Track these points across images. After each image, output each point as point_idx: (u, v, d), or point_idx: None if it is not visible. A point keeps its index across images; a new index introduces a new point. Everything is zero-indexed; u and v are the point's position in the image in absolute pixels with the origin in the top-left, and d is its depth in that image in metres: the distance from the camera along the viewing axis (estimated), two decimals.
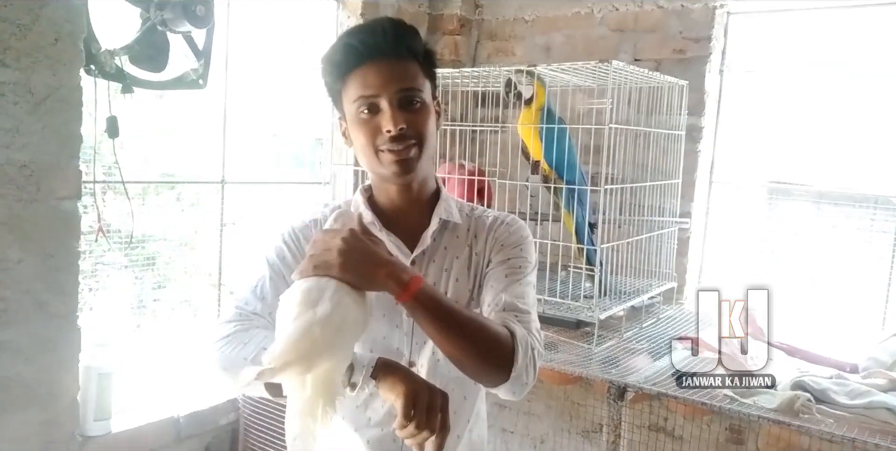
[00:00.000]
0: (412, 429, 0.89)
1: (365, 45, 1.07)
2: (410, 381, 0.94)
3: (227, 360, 1.02)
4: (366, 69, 1.07)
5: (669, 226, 2.53)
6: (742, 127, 2.73)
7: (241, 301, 1.12)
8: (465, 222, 1.20)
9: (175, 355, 2.44)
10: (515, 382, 0.99)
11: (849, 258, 2.58)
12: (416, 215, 1.18)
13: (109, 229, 2.26)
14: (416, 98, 1.09)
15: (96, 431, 1.97)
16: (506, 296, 1.09)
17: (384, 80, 1.06)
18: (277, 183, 2.84)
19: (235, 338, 1.04)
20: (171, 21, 1.91)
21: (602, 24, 2.81)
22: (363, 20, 2.79)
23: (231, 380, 1.02)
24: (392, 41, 1.07)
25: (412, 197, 1.17)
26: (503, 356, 0.98)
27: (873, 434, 1.56)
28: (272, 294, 1.11)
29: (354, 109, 1.09)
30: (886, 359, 1.91)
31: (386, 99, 1.06)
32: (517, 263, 1.15)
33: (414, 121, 1.07)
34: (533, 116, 2.21)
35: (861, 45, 2.45)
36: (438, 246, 1.18)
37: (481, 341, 0.97)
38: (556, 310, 2.19)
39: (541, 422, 2.90)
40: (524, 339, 1.01)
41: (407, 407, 0.90)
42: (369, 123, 1.08)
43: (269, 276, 1.13)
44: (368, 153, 1.10)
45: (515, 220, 1.22)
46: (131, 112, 2.23)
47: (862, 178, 2.55)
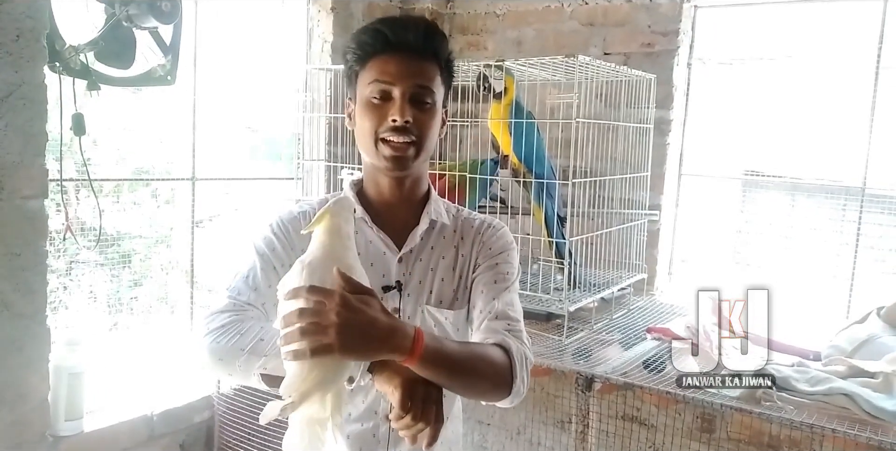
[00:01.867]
0: (408, 421, 0.89)
1: (395, 35, 1.09)
2: (406, 373, 0.94)
3: (223, 350, 1.01)
4: (388, 57, 1.09)
5: (639, 218, 2.56)
6: (713, 119, 2.77)
7: (233, 291, 1.11)
8: (452, 224, 1.22)
9: (151, 353, 2.43)
10: (515, 396, 1.04)
11: (820, 248, 2.63)
12: (404, 213, 1.19)
13: (83, 227, 2.25)
14: (429, 98, 1.10)
15: (68, 431, 1.96)
16: (498, 304, 1.13)
17: (404, 71, 1.08)
18: (248, 179, 2.83)
19: (231, 328, 1.03)
20: (136, 17, 1.90)
21: (572, 18, 2.82)
22: (334, 15, 2.79)
23: (226, 370, 1.02)
24: (422, 39, 1.09)
25: (403, 195, 1.18)
26: (504, 381, 1.03)
27: (831, 420, 1.59)
28: (264, 284, 1.11)
29: (367, 93, 1.10)
30: (847, 347, 1.95)
31: (400, 89, 1.08)
32: (505, 269, 1.18)
33: (420, 119, 1.09)
34: (502, 110, 2.22)
35: (826, 39, 2.49)
36: (426, 245, 1.19)
37: (484, 374, 1.01)
38: (527, 303, 2.20)
39: (517, 414, 2.92)
40: (519, 353, 1.05)
41: (404, 399, 0.90)
42: (378, 109, 1.09)
43: (259, 266, 1.13)
44: (369, 139, 1.10)
45: (501, 225, 1.25)
46: (105, 109, 2.22)
47: (833, 168, 2.59)
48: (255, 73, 2.73)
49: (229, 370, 1.01)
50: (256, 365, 0.99)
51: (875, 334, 1.96)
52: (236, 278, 1.13)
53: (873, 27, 2.32)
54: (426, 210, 1.19)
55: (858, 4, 2.39)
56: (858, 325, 2.05)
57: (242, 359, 0.99)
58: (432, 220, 1.19)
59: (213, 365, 1.03)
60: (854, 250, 2.40)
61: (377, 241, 1.17)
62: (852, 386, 1.69)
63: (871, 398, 1.64)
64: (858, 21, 2.42)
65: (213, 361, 1.02)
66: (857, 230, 2.39)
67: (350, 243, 0.96)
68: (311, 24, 2.84)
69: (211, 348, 1.02)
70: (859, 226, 2.39)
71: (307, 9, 2.83)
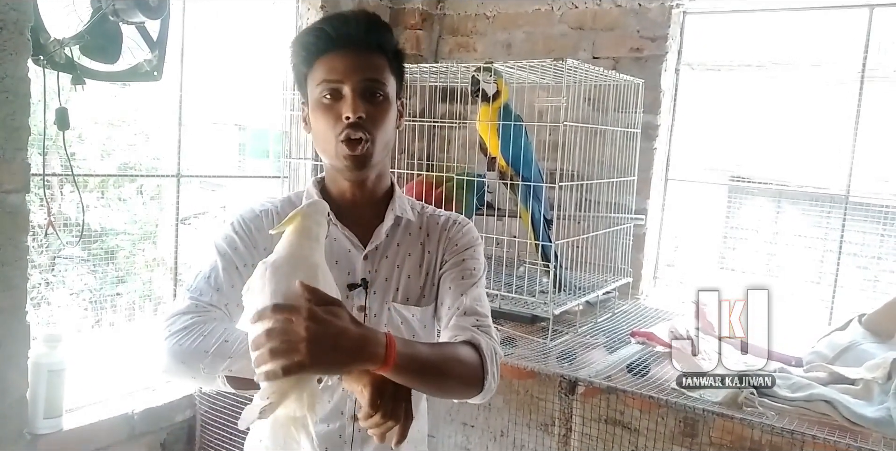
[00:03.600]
0: (378, 419, 0.89)
1: (337, 32, 1.08)
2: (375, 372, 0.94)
3: (186, 353, 0.99)
4: (334, 55, 1.08)
5: (625, 222, 2.57)
6: (700, 125, 2.78)
7: (195, 292, 1.09)
8: (417, 220, 1.22)
9: (133, 350, 2.41)
10: (486, 393, 1.06)
11: (804, 254, 2.65)
12: (369, 210, 1.18)
13: (67, 223, 2.23)
14: (380, 91, 1.09)
15: (46, 428, 1.93)
16: (466, 300, 1.13)
17: (350, 67, 1.07)
18: (235, 177, 2.82)
19: (194, 330, 1.00)
20: (123, 11, 1.88)
21: (562, 21, 2.83)
22: (323, 13, 2.77)
23: (189, 373, 0.99)
24: (364, 33, 1.09)
25: (366, 192, 1.18)
26: (475, 378, 1.04)
27: (812, 426, 1.60)
28: (227, 284, 1.09)
29: (318, 94, 1.09)
30: (828, 353, 1.96)
31: (349, 86, 1.07)
32: (471, 265, 1.18)
33: (373, 113, 1.08)
34: (491, 112, 2.22)
35: (813, 47, 2.51)
36: (391, 242, 1.18)
37: (456, 375, 1.02)
38: (512, 305, 2.21)
39: (500, 416, 2.92)
40: (489, 349, 1.06)
41: (374, 397, 0.90)
42: (331, 110, 1.08)
43: (221, 266, 1.11)
44: (326, 141, 1.10)
45: (466, 221, 1.25)
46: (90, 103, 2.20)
47: (818, 176, 2.61)
48: (242, 70, 2.71)
49: (192, 373, 0.99)
50: (221, 367, 0.97)
51: (856, 341, 1.97)
52: (198, 279, 1.11)
53: (859, 36, 2.34)
54: (390, 207, 1.19)
55: (845, 13, 2.41)
56: (840, 332, 2.07)
57: (207, 361, 0.97)
58: (397, 216, 1.19)
59: (175, 368, 1.00)
60: (837, 257, 2.41)
61: (342, 238, 1.16)
62: (833, 393, 1.70)
63: (851, 405, 1.65)
64: (844, 30, 2.44)
65: (175, 364, 1.00)
66: (841, 238, 2.41)
67: (318, 246, 0.94)
68: (300, 22, 2.83)
69: (173, 351, 0.99)
70: (842, 233, 2.41)
71: (297, 6, 2.81)
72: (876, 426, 1.60)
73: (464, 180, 2.25)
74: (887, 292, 2.40)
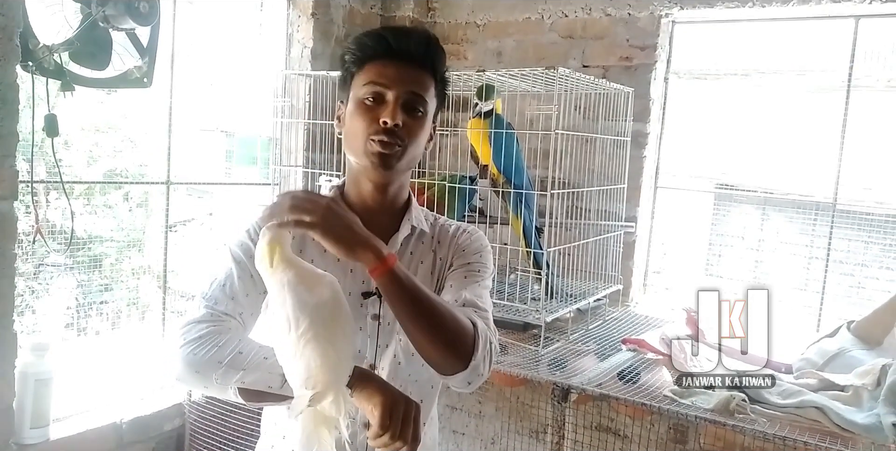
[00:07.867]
0: (386, 439, 0.90)
1: (398, 42, 1.09)
2: (387, 391, 0.95)
3: (200, 363, 0.99)
4: (387, 62, 1.09)
5: (615, 230, 2.58)
6: (689, 133, 2.81)
7: (210, 300, 1.09)
8: (430, 230, 1.23)
9: (121, 359, 2.38)
10: (472, 372, 1.01)
11: (790, 261, 2.67)
12: (385, 219, 1.18)
13: (53, 230, 2.21)
14: (421, 107, 1.11)
15: (33, 438, 1.91)
16: (466, 294, 1.12)
17: (400, 77, 1.08)
18: (224, 184, 2.80)
19: (209, 340, 1.01)
20: (113, 18, 1.87)
21: (552, 30, 2.84)
22: (314, 21, 2.78)
23: (202, 383, 1.00)
24: (423, 51, 1.11)
25: (385, 200, 1.18)
26: (465, 344, 1.00)
27: (803, 433, 1.61)
28: (241, 293, 1.10)
29: (361, 94, 1.10)
30: (818, 360, 1.98)
31: (394, 93, 1.08)
32: (476, 267, 1.19)
33: (410, 125, 1.09)
34: (482, 121, 2.23)
35: (800, 56, 2.54)
36: (405, 251, 1.19)
37: (447, 325, 0.99)
38: (504, 313, 2.21)
39: (491, 423, 2.92)
40: (484, 331, 1.04)
41: (384, 417, 0.91)
42: (370, 112, 1.09)
43: (236, 274, 1.11)
44: (358, 139, 1.10)
45: (476, 230, 1.26)
46: (78, 110, 2.19)
47: (805, 183, 2.64)
48: (232, 78, 2.70)
49: (205, 383, 1.00)
50: (234, 379, 0.97)
51: (845, 347, 1.99)
52: (213, 286, 1.11)
53: (845, 45, 2.38)
54: (407, 217, 1.20)
55: (831, 23, 2.45)
56: (829, 338, 2.08)
57: (220, 372, 0.98)
58: (413, 226, 1.20)
59: (189, 377, 1.01)
60: (825, 264, 2.44)
61: None
62: (823, 399, 1.71)
63: (841, 411, 1.66)
64: (830, 39, 2.48)
65: (189, 373, 1.00)
66: (828, 245, 2.43)
67: (306, 263, 0.96)
68: (290, 30, 2.82)
69: (187, 360, 1.00)
70: (830, 241, 2.43)
71: (287, 13, 2.81)
72: (866, 432, 1.61)
73: (453, 185, 2.25)
74: (872, 298, 2.42)
